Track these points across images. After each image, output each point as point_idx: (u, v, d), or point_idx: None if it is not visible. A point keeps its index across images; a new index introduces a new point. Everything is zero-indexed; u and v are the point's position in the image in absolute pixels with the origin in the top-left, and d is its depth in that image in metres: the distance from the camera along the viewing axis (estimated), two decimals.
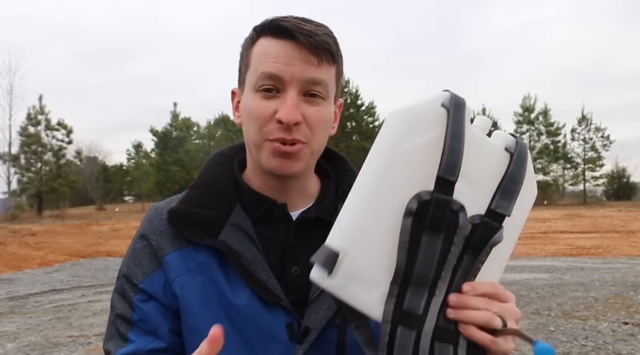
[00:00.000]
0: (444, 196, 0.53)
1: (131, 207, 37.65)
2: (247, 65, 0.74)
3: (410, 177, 0.55)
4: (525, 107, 34.49)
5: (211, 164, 0.83)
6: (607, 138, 33.77)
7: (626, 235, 13.49)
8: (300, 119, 0.70)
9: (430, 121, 0.56)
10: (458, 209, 0.53)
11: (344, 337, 0.72)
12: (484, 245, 0.54)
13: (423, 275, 0.53)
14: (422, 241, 0.53)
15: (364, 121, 31.55)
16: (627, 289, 6.59)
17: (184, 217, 0.75)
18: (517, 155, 0.58)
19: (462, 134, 0.54)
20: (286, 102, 0.70)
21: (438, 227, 0.53)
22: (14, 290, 7.47)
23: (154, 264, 0.76)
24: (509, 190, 0.56)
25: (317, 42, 0.70)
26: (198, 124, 39.93)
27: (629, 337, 4.56)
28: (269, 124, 0.71)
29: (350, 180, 0.81)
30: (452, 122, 0.55)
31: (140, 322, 0.75)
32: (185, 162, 35.41)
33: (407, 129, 0.55)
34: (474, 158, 0.56)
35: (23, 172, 29.10)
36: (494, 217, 0.55)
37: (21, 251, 12.43)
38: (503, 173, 0.57)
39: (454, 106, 0.56)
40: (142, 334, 0.75)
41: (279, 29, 0.71)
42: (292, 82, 0.70)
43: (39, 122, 29.67)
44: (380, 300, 0.54)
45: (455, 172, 0.53)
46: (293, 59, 0.70)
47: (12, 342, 4.79)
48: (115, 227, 19.02)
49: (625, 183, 35.86)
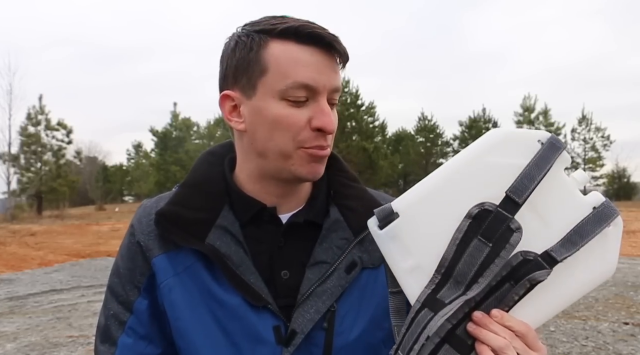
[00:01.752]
0: (505, 213, 0.57)
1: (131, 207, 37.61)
2: (263, 69, 0.70)
3: (482, 187, 0.59)
4: (525, 107, 34.49)
5: (201, 162, 0.82)
6: (608, 138, 33.75)
7: (626, 235, 13.48)
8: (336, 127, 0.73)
9: (521, 148, 0.60)
10: (515, 228, 0.57)
11: (331, 341, 0.72)
12: (524, 277, 0.56)
13: (463, 274, 0.57)
14: (472, 244, 0.57)
15: (364, 121, 31.50)
16: (627, 289, 6.58)
17: (170, 219, 0.74)
18: (595, 212, 0.59)
19: (545, 167, 0.58)
20: (324, 111, 0.70)
21: (489, 236, 0.57)
22: (13, 290, 7.46)
23: (145, 265, 0.76)
24: (571, 240, 0.57)
25: (342, 49, 0.71)
26: (198, 124, 39.92)
27: (630, 338, 4.56)
28: (303, 132, 0.71)
29: (343, 180, 0.82)
30: (540, 156, 0.58)
31: (134, 325, 0.75)
32: (185, 162, 35.39)
33: (498, 145, 0.60)
34: (555, 201, 0.59)
35: (23, 172, 29.09)
36: (547, 259, 0.57)
37: (21, 251, 12.41)
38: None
39: (549, 145, 0.59)
40: (137, 338, 0.75)
41: (307, 35, 0.69)
42: (324, 91, 0.70)
43: (38, 122, 29.66)
44: (410, 271, 0.60)
45: (522, 195, 0.57)
46: (324, 67, 0.70)
47: (11, 343, 4.79)
48: (115, 227, 19.01)
49: (625, 183, 35.84)
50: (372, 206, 0.79)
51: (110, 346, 0.75)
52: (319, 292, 0.73)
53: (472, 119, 36.12)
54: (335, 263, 0.75)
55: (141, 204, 0.82)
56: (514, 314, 0.58)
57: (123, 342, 0.75)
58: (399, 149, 37.18)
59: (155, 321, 0.75)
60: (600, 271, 0.60)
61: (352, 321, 0.74)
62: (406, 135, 38.58)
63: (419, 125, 37.81)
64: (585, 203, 0.60)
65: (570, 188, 0.60)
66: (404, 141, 37.59)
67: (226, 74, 0.74)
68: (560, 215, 0.59)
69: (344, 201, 0.80)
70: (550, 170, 0.58)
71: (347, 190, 0.82)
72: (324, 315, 0.72)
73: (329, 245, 0.76)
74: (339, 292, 0.74)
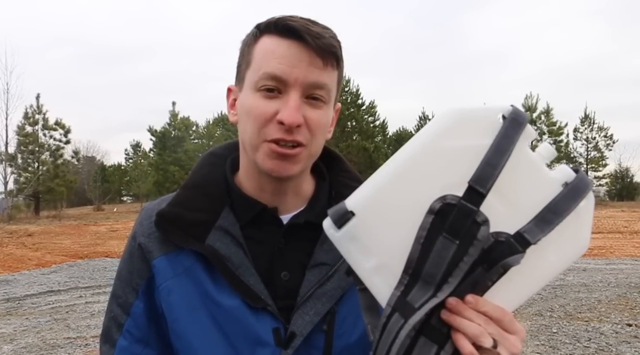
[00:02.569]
0: (470, 205, 0.53)
1: (129, 207, 37.61)
2: (248, 62, 0.73)
3: (441, 174, 0.55)
4: (527, 107, 34.52)
5: (203, 164, 0.82)
6: (610, 138, 33.81)
7: (629, 235, 13.48)
8: (301, 121, 0.69)
9: (481, 128, 0.55)
10: (482, 221, 0.53)
11: (331, 343, 0.72)
12: (497, 262, 0.54)
13: (431, 274, 0.54)
14: (437, 241, 0.54)
15: (364, 121, 31.53)
16: (630, 290, 6.56)
17: (170, 221, 0.74)
18: (570, 187, 0.55)
19: (508, 149, 0.53)
20: (288, 103, 0.68)
21: (455, 233, 0.53)
22: (10, 291, 7.42)
23: (145, 268, 0.76)
24: (545, 219, 0.54)
25: (324, 45, 0.69)
26: (197, 124, 39.94)
27: (633, 339, 4.53)
28: (269, 124, 0.70)
29: (345, 181, 0.81)
30: (501, 136, 0.54)
31: (131, 328, 0.76)
32: (184, 162, 35.38)
33: (455, 127, 0.55)
34: (522, 181, 0.55)
35: (20, 172, 29.04)
36: (520, 241, 0.53)
37: (18, 252, 12.36)
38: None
39: (510, 121, 0.55)
40: (134, 341, 0.76)
41: (286, 29, 0.69)
42: (296, 84, 0.69)
43: (36, 121, 29.61)
44: (375, 271, 0.57)
45: (486, 184, 0.52)
46: (298, 61, 0.69)
47: (8, 344, 4.74)
48: (114, 227, 18.98)
49: (628, 183, 35.93)
50: None
51: (110, 347, 0.77)
52: (319, 294, 0.73)
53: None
54: (336, 265, 0.74)
55: (143, 207, 0.82)
56: (487, 298, 0.55)
57: (120, 345, 0.76)
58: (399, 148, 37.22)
59: (152, 324, 0.76)
60: (574, 248, 0.57)
61: (352, 323, 0.74)
62: (407, 134, 38.66)
63: (419, 124, 37.86)
64: (555, 179, 0.56)
65: (537, 165, 0.56)
66: (404, 141, 37.52)
67: (236, 70, 0.77)
68: (528, 196, 0.55)
69: None
70: (514, 150, 0.53)
71: (349, 192, 0.79)
72: (323, 317, 0.72)
73: (329, 246, 0.74)
74: (339, 294, 0.73)
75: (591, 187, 0.55)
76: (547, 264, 0.56)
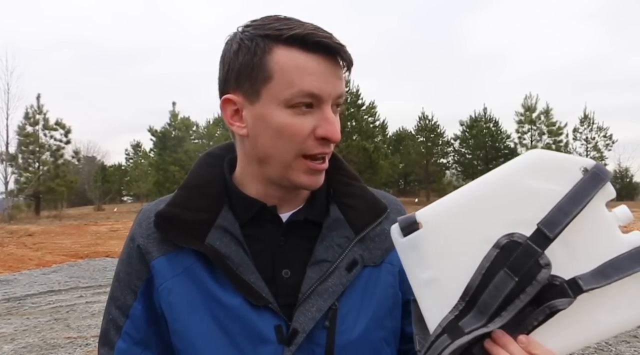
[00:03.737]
0: (536, 247, 0.54)
1: (130, 207, 37.60)
2: (268, 76, 0.69)
3: (512, 210, 0.57)
4: (526, 107, 34.50)
5: (201, 164, 0.82)
6: (610, 138, 33.79)
7: None
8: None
9: (561, 174, 0.56)
10: (544, 264, 0.54)
11: (333, 339, 0.72)
12: (546, 302, 0.55)
13: (486, 305, 0.56)
14: (498, 275, 0.55)
15: (364, 121, 31.52)
16: None
17: (169, 221, 0.74)
18: (637, 249, 0.56)
19: (583, 201, 0.54)
20: (328, 119, 0.70)
21: (516, 270, 0.55)
22: (11, 291, 7.43)
23: (144, 269, 0.76)
24: (603, 273, 0.55)
25: (349, 56, 0.70)
26: (197, 124, 39.88)
27: (632, 339, 4.54)
28: (308, 140, 0.70)
29: (343, 179, 0.82)
30: (579, 188, 0.55)
31: (130, 330, 0.76)
32: (185, 162, 35.35)
33: (536, 168, 0.57)
34: (591, 236, 0.56)
35: (21, 172, 29.02)
36: (572, 286, 0.55)
37: (18, 252, 12.37)
38: None
39: (591, 175, 0.56)
40: (132, 343, 0.75)
41: (316, 44, 0.68)
42: (329, 99, 0.70)
43: (36, 121, 29.61)
44: (427, 284, 0.59)
45: (555, 229, 0.54)
46: (329, 76, 0.69)
47: (9, 344, 4.75)
48: (114, 227, 18.98)
49: (628, 183, 35.93)
50: (373, 204, 0.80)
51: (108, 350, 0.76)
52: (320, 290, 0.73)
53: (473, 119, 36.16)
54: (336, 261, 0.74)
55: (141, 209, 0.82)
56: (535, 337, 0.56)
57: (119, 347, 0.76)
58: (399, 148, 37.24)
59: (152, 326, 0.75)
60: (631, 315, 0.57)
61: (353, 319, 0.74)
62: (407, 135, 38.63)
63: (419, 124, 37.79)
64: (624, 241, 0.56)
65: (609, 224, 0.57)
66: (404, 141, 37.64)
67: (227, 77, 0.73)
68: (594, 252, 0.56)
69: (345, 199, 0.80)
70: (589, 204, 0.55)
71: (348, 189, 0.81)
72: (325, 313, 0.72)
73: (329, 243, 0.76)
74: (340, 291, 0.73)
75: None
76: (598, 321, 0.57)
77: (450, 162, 38.98)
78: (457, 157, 38.38)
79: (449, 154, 38.70)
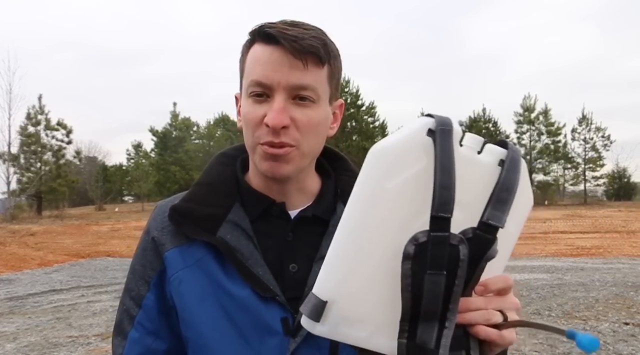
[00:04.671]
0: (441, 234, 0.52)
1: (131, 207, 37.64)
2: (242, 71, 0.77)
3: (398, 215, 0.54)
4: (525, 107, 34.48)
5: (214, 163, 0.86)
6: (608, 138, 33.76)
7: (627, 235, 13.49)
8: (287, 123, 0.71)
9: (414, 154, 0.54)
10: (458, 242, 0.52)
11: None
12: (478, 260, 0.53)
13: (430, 311, 0.54)
14: (425, 280, 0.52)
15: (364, 121, 31.54)
16: (627, 289, 6.58)
17: (183, 214, 0.77)
18: (508, 162, 0.56)
19: (452, 163, 0.52)
20: (273, 107, 0.71)
21: (439, 265, 0.52)
22: (13, 290, 7.46)
23: (157, 261, 0.79)
24: (501, 199, 0.54)
25: (302, 47, 0.70)
26: (198, 124, 39.92)
27: (630, 338, 4.56)
28: (259, 128, 0.73)
29: (349, 180, 0.84)
30: (440, 153, 0.53)
31: (143, 320, 0.78)
32: (185, 162, 35.38)
33: (390, 167, 0.54)
34: (466, 180, 0.54)
35: (22, 172, 29.08)
36: (487, 230, 0.53)
37: (20, 251, 12.41)
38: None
39: (440, 133, 0.54)
40: (145, 333, 0.78)
41: (265, 35, 0.72)
42: (279, 88, 0.71)
43: (38, 122, 29.66)
44: (372, 335, 0.56)
45: (449, 207, 0.51)
46: (279, 65, 0.71)
47: (11, 343, 4.78)
48: (115, 227, 19.02)
49: (625, 183, 35.89)
50: None
51: (122, 340, 0.79)
52: None
53: (472, 119, 36.11)
54: None
55: (156, 204, 0.86)
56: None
57: (132, 337, 0.78)
58: None
59: (163, 316, 0.78)
60: (524, 212, 0.59)
61: None
62: None
63: None
64: (490, 165, 0.56)
65: (472, 159, 0.56)
66: None
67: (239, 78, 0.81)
68: (476, 190, 0.55)
69: None
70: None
71: None
72: None
73: None
74: None
75: (519, 151, 0.57)
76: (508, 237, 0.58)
77: None
78: None
79: None
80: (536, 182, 35.13)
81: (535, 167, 34.86)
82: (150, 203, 39.75)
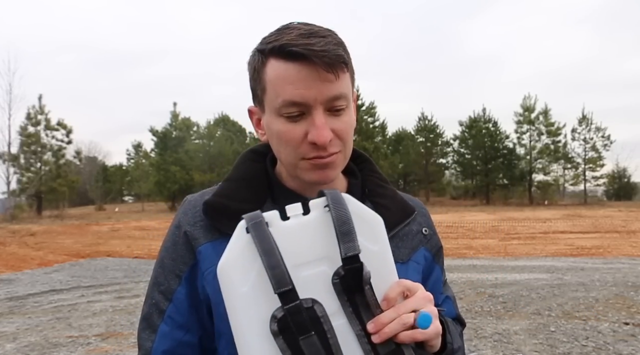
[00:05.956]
0: (292, 304, 0.60)
1: (131, 207, 37.64)
2: (263, 88, 0.74)
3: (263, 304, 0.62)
4: (525, 107, 34.48)
5: (244, 159, 0.86)
6: (608, 138, 33.76)
7: (627, 235, 13.48)
8: (331, 136, 0.72)
9: (247, 254, 0.62)
10: (311, 303, 0.61)
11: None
12: (361, 287, 0.62)
13: None
14: (302, 346, 0.60)
15: (364, 121, 31.53)
16: (627, 289, 6.58)
17: (217, 209, 0.78)
18: (331, 202, 0.64)
19: (272, 245, 0.61)
20: (314, 124, 0.71)
21: (305, 330, 0.60)
22: (13, 290, 7.46)
23: (189, 255, 0.79)
24: (344, 232, 0.62)
25: (331, 59, 0.69)
26: (198, 124, 39.87)
27: (630, 338, 4.55)
28: (302, 145, 0.73)
29: (375, 180, 0.88)
30: (258, 241, 0.61)
31: (173, 314, 0.79)
32: (185, 162, 35.37)
33: (236, 276, 0.62)
34: (311, 241, 0.63)
35: (22, 172, 29.09)
36: (350, 261, 0.61)
37: (20, 251, 12.42)
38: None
39: (252, 227, 0.63)
40: (175, 327, 0.78)
41: (290, 54, 0.70)
42: (316, 104, 0.71)
43: (38, 122, 29.65)
44: None
45: (285, 281, 0.59)
46: (312, 81, 0.70)
47: (11, 343, 4.78)
48: (115, 227, 19.02)
49: (625, 183, 35.92)
50: (403, 206, 0.86)
51: (150, 333, 0.79)
52: None
53: (472, 119, 36.13)
54: None
55: (184, 200, 0.86)
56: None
57: (162, 330, 0.79)
58: (399, 149, 37.17)
59: (193, 310, 0.78)
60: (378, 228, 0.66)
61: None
62: (406, 135, 38.56)
63: (419, 125, 37.76)
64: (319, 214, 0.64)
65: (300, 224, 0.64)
66: (404, 141, 37.57)
67: (251, 90, 0.81)
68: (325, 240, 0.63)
69: (378, 199, 0.85)
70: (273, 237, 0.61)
71: (380, 190, 0.87)
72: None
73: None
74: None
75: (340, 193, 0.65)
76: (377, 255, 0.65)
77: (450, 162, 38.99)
78: (456, 157, 38.37)
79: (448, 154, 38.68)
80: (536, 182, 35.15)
81: (535, 167, 34.89)
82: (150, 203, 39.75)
